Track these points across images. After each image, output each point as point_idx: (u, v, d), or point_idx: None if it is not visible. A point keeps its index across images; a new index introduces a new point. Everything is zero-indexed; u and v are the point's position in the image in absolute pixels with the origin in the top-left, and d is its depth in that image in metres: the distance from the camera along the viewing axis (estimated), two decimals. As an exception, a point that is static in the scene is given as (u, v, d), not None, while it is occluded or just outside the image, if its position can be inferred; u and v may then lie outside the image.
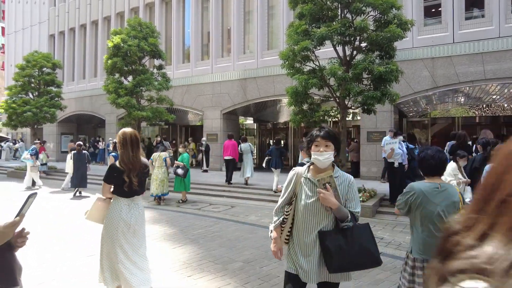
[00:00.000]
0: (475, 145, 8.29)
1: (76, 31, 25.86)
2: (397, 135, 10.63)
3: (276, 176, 11.59)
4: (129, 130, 4.04)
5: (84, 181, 12.77)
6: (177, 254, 6.14)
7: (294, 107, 10.49)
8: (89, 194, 11.41)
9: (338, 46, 9.92)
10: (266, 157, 12.16)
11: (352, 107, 10.52)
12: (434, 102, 15.74)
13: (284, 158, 12.63)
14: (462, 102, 16.16)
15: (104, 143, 22.43)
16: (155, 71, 15.50)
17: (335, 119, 11.31)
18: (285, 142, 20.41)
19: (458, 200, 2.95)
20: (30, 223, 6.54)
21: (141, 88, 14.68)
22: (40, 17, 28.62)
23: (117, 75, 15.02)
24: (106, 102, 16.34)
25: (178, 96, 19.16)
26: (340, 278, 2.74)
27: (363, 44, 10.04)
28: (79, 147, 13.10)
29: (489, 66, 12.09)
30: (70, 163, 13.05)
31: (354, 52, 10.10)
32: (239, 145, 13.08)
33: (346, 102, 10.15)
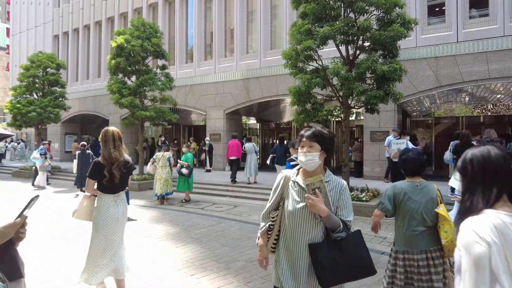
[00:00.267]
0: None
1: (80, 31, 25.95)
2: (404, 134, 10.61)
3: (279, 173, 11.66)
4: (111, 128, 4.29)
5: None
6: (180, 253, 6.16)
7: (297, 107, 10.47)
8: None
9: (341, 46, 9.90)
10: (270, 155, 12.49)
11: (355, 107, 10.49)
12: (438, 102, 15.68)
13: (288, 156, 12.70)
14: (466, 101, 16.09)
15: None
16: (158, 71, 15.52)
17: (338, 119, 11.28)
18: (288, 142, 20.39)
19: (436, 196, 3.22)
20: (34, 223, 6.57)
21: (144, 88, 14.70)
22: (45, 18, 28.75)
23: (120, 75, 15.05)
24: (109, 102, 16.39)
25: (181, 96, 19.19)
26: None
27: (366, 44, 10.01)
28: (83, 147, 13.15)
29: (494, 65, 12.03)
30: (75, 163, 13.21)
31: (357, 52, 10.07)
32: (243, 145, 13.18)
33: (349, 101, 10.13)
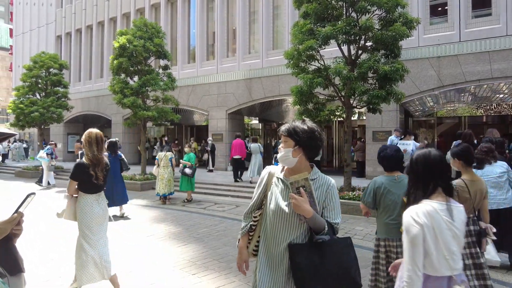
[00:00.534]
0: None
1: (83, 32, 26.02)
2: (410, 134, 10.59)
3: None
4: (94, 131, 4.43)
5: None
6: (181, 253, 6.17)
7: (299, 107, 10.46)
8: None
9: (343, 45, 9.89)
10: (274, 154, 12.63)
11: (358, 107, 10.48)
12: (440, 102, 15.65)
13: None
14: (468, 101, 16.05)
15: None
16: (160, 71, 15.54)
17: (341, 119, 11.28)
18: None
19: None
20: (36, 222, 6.58)
21: (146, 88, 14.72)
22: (47, 18, 28.84)
23: (123, 76, 15.08)
24: (112, 102, 16.42)
25: (184, 96, 19.21)
26: None
27: (368, 43, 10.00)
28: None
29: (496, 65, 11.99)
30: None
31: (359, 51, 10.06)
32: (249, 145, 13.32)
33: (351, 101, 10.12)
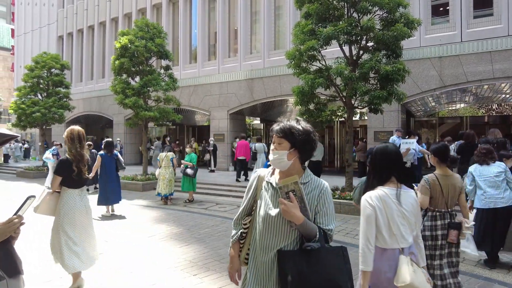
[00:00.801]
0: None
1: (84, 32, 26.06)
2: (413, 135, 10.59)
3: None
4: (76, 128, 4.64)
5: (92, 179, 12.92)
6: (183, 253, 6.17)
7: (300, 107, 10.46)
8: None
9: (344, 46, 9.89)
10: None
11: (359, 107, 10.48)
12: (442, 102, 15.63)
13: None
14: (470, 101, 16.04)
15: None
16: (162, 71, 15.55)
17: (342, 119, 11.28)
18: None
19: None
20: (36, 222, 6.60)
21: (148, 88, 14.73)
22: (49, 18, 28.90)
23: (124, 76, 15.08)
24: (113, 102, 16.44)
25: (185, 97, 19.23)
26: None
27: (370, 44, 10.00)
28: (89, 146, 13.25)
29: (498, 65, 11.97)
30: None
31: (361, 52, 10.05)
32: (253, 145, 13.43)
33: (353, 101, 10.11)
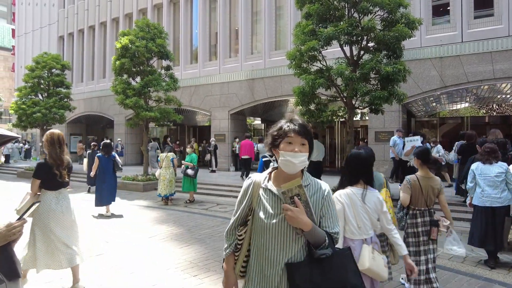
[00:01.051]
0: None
1: (85, 32, 26.07)
2: (420, 135, 10.62)
3: None
4: (56, 131, 4.73)
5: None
6: (183, 254, 6.17)
7: (301, 107, 10.46)
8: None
9: (345, 46, 9.88)
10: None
11: (360, 107, 10.47)
12: (442, 102, 15.62)
13: None
14: (471, 101, 16.03)
15: (113, 144, 22.53)
16: (163, 71, 15.55)
17: (343, 119, 11.28)
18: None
19: (383, 183, 3.99)
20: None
21: (149, 88, 14.73)
22: (50, 19, 28.92)
23: (125, 76, 15.09)
24: (114, 103, 16.45)
25: (186, 97, 19.23)
26: None
27: (370, 44, 9.99)
28: (94, 146, 13.31)
29: (499, 65, 11.96)
30: (86, 162, 13.61)
31: (361, 52, 10.05)
32: (255, 146, 13.47)
33: (354, 102, 10.11)
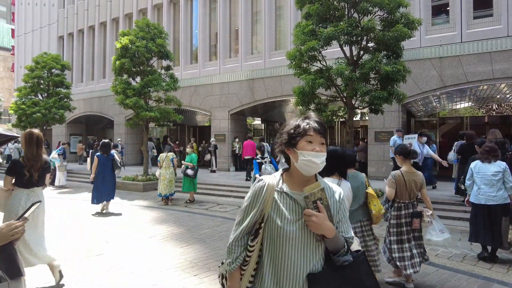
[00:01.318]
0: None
1: (85, 32, 26.07)
2: (422, 135, 10.62)
3: None
4: (35, 131, 4.63)
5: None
6: (183, 253, 6.19)
7: (301, 107, 10.48)
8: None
9: (345, 46, 9.91)
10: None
11: (360, 107, 10.50)
12: (442, 102, 15.64)
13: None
14: (470, 101, 16.05)
15: (112, 144, 22.52)
16: (163, 72, 15.56)
17: (343, 119, 11.31)
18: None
19: (364, 182, 4.18)
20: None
21: (149, 88, 14.74)
22: (50, 19, 28.90)
23: (125, 76, 15.11)
24: (114, 103, 16.46)
25: (186, 97, 19.24)
26: None
27: (370, 44, 10.01)
28: (97, 146, 13.41)
29: (498, 66, 11.98)
30: (89, 161, 13.77)
31: (361, 52, 10.07)
32: (265, 145, 13.61)
33: (353, 102, 10.13)
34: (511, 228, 5.78)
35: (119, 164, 10.51)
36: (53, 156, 15.35)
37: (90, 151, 13.92)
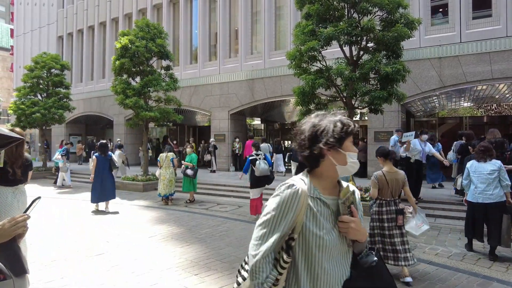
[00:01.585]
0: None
1: (84, 32, 26.06)
2: (423, 134, 10.65)
3: (293, 168, 13.02)
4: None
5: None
6: (184, 253, 6.20)
7: (301, 107, 10.49)
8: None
9: (345, 46, 9.92)
10: (288, 153, 15.15)
11: (359, 107, 10.51)
12: (441, 102, 15.67)
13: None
14: (469, 101, 16.07)
15: (112, 144, 22.52)
16: (162, 72, 15.56)
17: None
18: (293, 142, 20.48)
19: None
20: (38, 222, 6.62)
21: (149, 89, 14.74)
22: (49, 19, 28.89)
23: (125, 76, 15.10)
24: (114, 103, 16.47)
25: (186, 97, 19.25)
26: None
27: (370, 44, 10.03)
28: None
29: (497, 66, 12.01)
30: (91, 161, 13.84)
31: (361, 52, 10.09)
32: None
33: (353, 102, 10.14)
34: None
35: (116, 165, 10.69)
36: (56, 157, 15.37)
37: (92, 151, 13.96)
